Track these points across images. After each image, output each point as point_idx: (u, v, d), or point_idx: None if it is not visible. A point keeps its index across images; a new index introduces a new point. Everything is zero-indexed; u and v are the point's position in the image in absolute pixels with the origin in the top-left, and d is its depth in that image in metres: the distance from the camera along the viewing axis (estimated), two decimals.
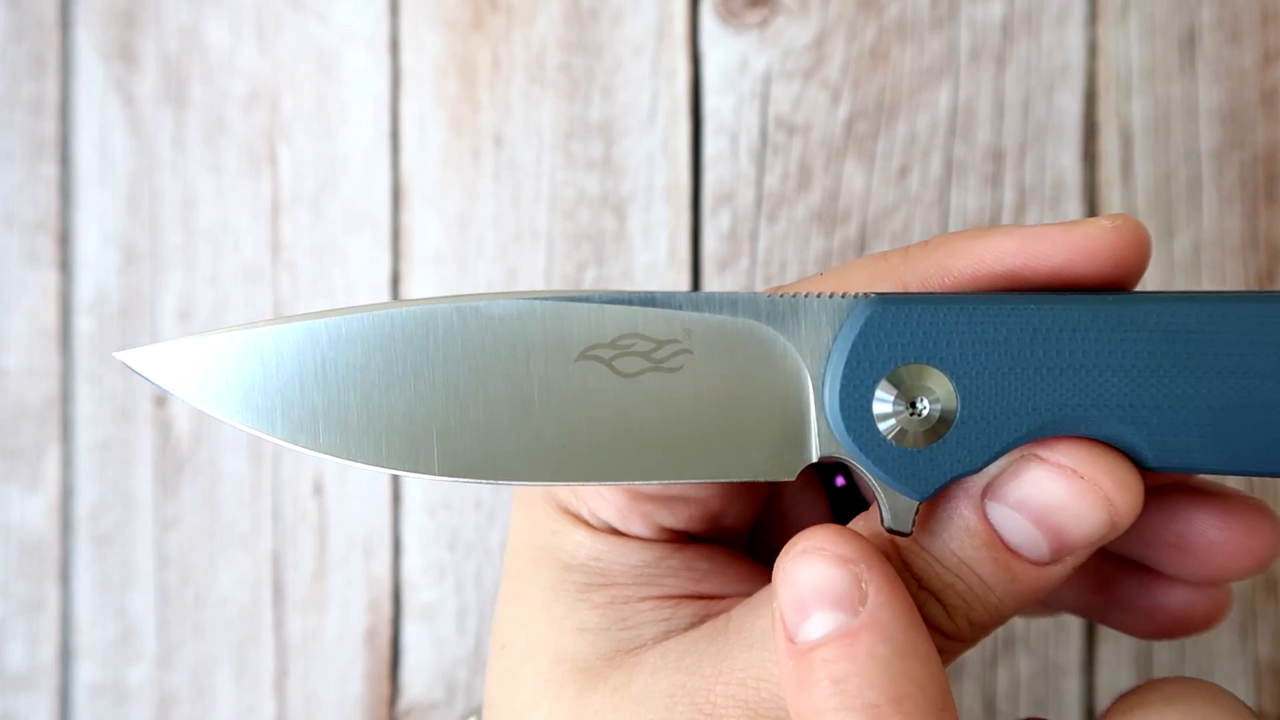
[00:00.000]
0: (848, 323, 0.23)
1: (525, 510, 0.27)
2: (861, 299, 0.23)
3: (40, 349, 0.42)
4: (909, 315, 0.22)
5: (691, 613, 0.25)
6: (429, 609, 0.41)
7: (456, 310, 0.22)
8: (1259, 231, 0.39)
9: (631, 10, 0.40)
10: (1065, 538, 0.22)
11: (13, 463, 0.42)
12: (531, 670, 0.25)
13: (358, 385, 0.22)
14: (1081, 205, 0.39)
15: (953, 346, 0.22)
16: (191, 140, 0.42)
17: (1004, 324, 0.22)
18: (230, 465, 0.41)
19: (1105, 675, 0.39)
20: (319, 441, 0.22)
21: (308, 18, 0.42)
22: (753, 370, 0.23)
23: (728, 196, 0.40)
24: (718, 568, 0.26)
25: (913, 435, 0.22)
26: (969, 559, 0.22)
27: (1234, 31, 0.39)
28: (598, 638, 0.25)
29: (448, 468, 0.22)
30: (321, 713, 0.41)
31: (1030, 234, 0.23)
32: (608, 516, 0.26)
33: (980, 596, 0.22)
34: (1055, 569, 0.23)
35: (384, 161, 0.41)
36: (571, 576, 0.26)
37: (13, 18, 0.42)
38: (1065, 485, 0.22)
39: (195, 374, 0.23)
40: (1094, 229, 0.23)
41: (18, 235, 0.42)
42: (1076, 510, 0.22)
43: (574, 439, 0.22)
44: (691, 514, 0.26)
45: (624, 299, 0.23)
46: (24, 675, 0.42)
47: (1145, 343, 0.22)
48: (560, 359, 0.22)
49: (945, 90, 0.40)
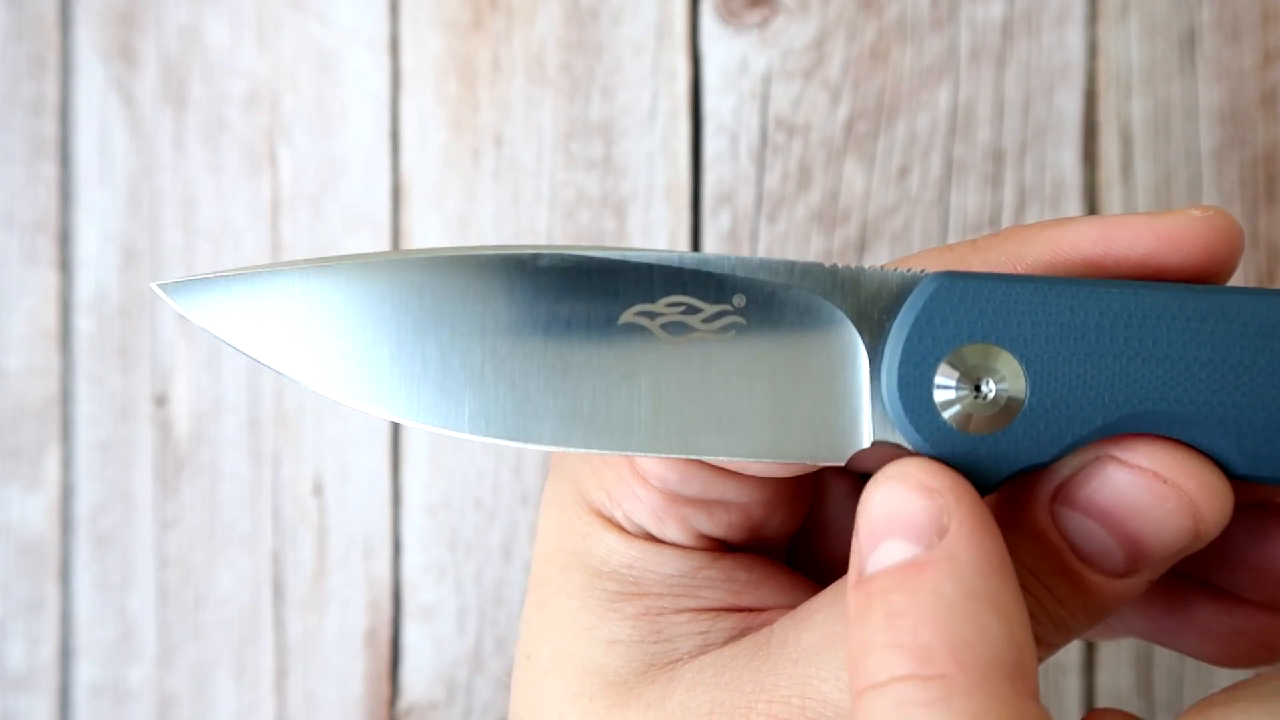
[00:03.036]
0: (911, 298, 0.21)
1: (556, 512, 0.25)
2: (927, 275, 0.21)
3: (40, 349, 0.42)
4: (977, 291, 0.21)
5: (730, 626, 0.24)
6: (429, 609, 0.41)
7: (500, 259, 0.21)
8: (1259, 231, 0.39)
9: (631, 10, 0.40)
10: (1144, 547, 0.20)
11: (13, 463, 0.42)
12: (559, 682, 0.24)
13: (391, 332, 0.21)
14: (1082, 205, 0.39)
15: (1023, 327, 0.20)
16: (191, 140, 0.42)
17: (1081, 306, 0.20)
18: (230, 465, 0.41)
19: (1105, 675, 0.39)
20: (348, 388, 0.21)
21: (308, 18, 0.42)
22: (806, 344, 0.21)
23: (728, 196, 0.40)
24: (758, 579, 0.24)
25: (976, 420, 0.20)
26: (1035, 568, 0.20)
27: (1234, 31, 0.39)
28: (629, 650, 0.23)
29: (479, 426, 0.21)
30: (321, 713, 0.41)
31: (1111, 222, 0.22)
32: (643, 520, 0.24)
33: (1047, 610, 0.21)
34: (1130, 582, 0.21)
35: (384, 161, 0.41)
36: (602, 584, 0.24)
37: (13, 18, 0.42)
38: (1146, 489, 0.20)
39: (226, 310, 0.21)
40: (1182, 218, 0.21)
41: (18, 235, 0.42)
42: (1157, 517, 0.20)
43: (612, 405, 0.21)
44: (732, 520, 0.24)
45: (675, 260, 0.21)
46: (24, 675, 0.42)
47: (1238, 338, 0.20)
48: (603, 319, 0.21)
49: (945, 90, 0.40)
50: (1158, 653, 0.39)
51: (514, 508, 0.41)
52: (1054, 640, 0.21)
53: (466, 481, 0.41)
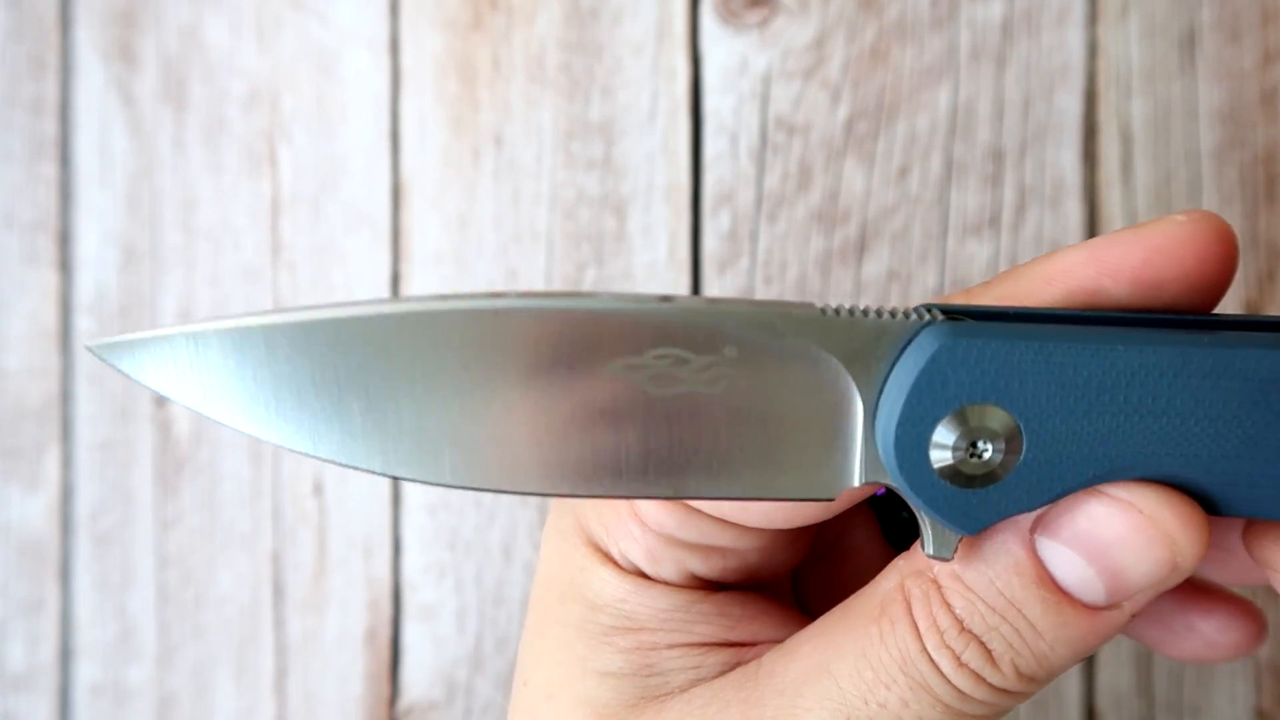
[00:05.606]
0: (911, 351, 0.20)
1: (556, 542, 0.26)
2: (927, 324, 0.20)
3: (40, 349, 0.42)
4: (980, 352, 0.20)
5: (722, 660, 0.24)
6: (429, 609, 0.41)
7: (470, 313, 0.20)
8: (1259, 231, 0.39)
9: (631, 10, 0.40)
10: (1123, 578, 0.20)
11: (13, 463, 0.42)
12: (553, 712, 0.24)
13: (361, 389, 0.20)
14: (1081, 205, 0.39)
15: (1025, 387, 0.20)
16: (191, 140, 0.42)
17: (1085, 365, 0.20)
18: (230, 465, 0.41)
19: (1105, 675, 0.39)
20: (317, 447, 0.20)
21: (308, 18, 0.42)
22: (798, 390, 0.21)
23: (728, 196, 0.40)
24: (751, 614, 0.25)
25: (968, 477, 0.20)
26: (1016, 599, 0.21)
27: (1234, 31, 0.39)
28: (621, 683, 0.24)
29: (461, 478, 0.20)
30: (321, 713, 0.41)
31: (1100, 243, 0.22)
32: (636, 559, 0.24)
33: (1028, 641, 0.21)
34: (1111, 616, 0.21)
35: (384, 161, 0.41)
36: (597, 617, 0.24)
37: (13, 18, 0.42)
38: (1124, 521, 0.20)
39: (176, 367, 0.21)
40: (1168, 225, 0.21)
41: (18, 235, 0.42)
42: (1135, 548, 0.20)
43: (600, 454, 0.20)
44: (727, 565, 0.25)
45: (660, 311, 0.20)
46: (24, 675, 0.42)
47: (1238, 392, 0.20)
48: (587, 371, 0.20)
49: (945, 90, 0.40)
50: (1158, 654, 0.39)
51: (514, 508, 0.41)
52: (1035, 674, 0.21)
53: None
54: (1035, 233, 0.39)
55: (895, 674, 0.21)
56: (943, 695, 0.20)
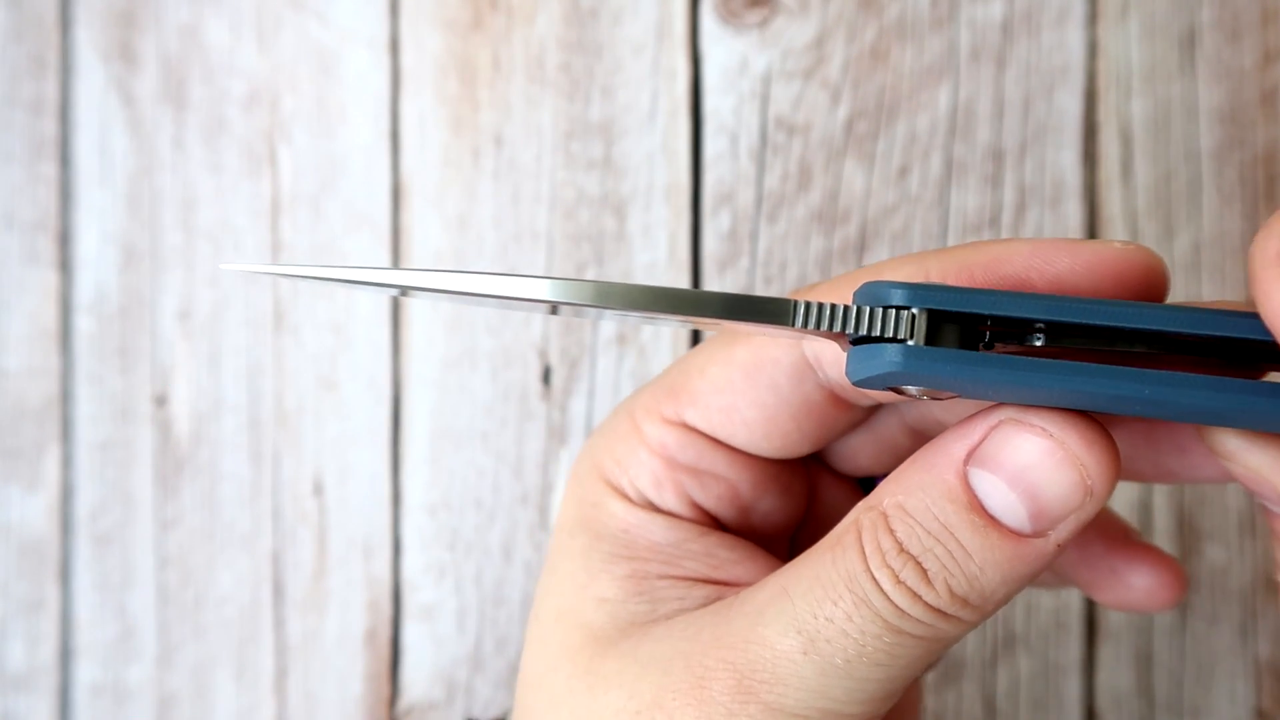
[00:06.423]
0: (863, 358, 0.22)
1: (574, 485, 0.28)
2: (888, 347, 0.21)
3: (40, 349, 0.42)
4: (934, 376, 0.21)
5: (706, 595, 0.26)
6: (429, 609, 0.41)
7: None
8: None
9: (631, 10, 0.40)
10: (1041, 501, 0.22)
11: (13, 463, 0.42)
12: (558, 636, 0.26)
13: None
14: (1081, 205, 0.39)
15: (975, 393, 0.22)
16: (191, 140, 0.42)
17: (1032, 393, 0.21)
18: (230, 465, 0.41)
19: (1105, 675, 0.39)
20: None
21: (308, 18, 0.42)
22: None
23: (728, 196, 0.40)
24: (738, 558, 0.27)
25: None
26: (950, 523, 0.22)
27: (1234, 31, 0.39)
28: (615, 608, 0.26)
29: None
30: (321, 713, 0.41)
31: (1042, 243, 0.23)
32: (645, 485, 0.27)
33: (960, 562, 0.22)
34: (1038, 544, 0.23)
35: (384, 161, 0.41)
36: (600, 546, 0.27)
37: (13, 18, 0.42)
38: (1037, 446, 0.22)
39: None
40: (1103, 246, 0.23)
41: (18, 235, 0.42)
42: (1047, 471, 0.22)
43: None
44: (721, 494, 0.27)
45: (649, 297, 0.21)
46: (24, 675, 0.42)
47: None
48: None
49: (945, 90, 0.40)
50: (1158, 652, 0.39)
51: (514, 508, 0.41)
52: (968, 595, 0.23)
53: (466, 482, 0.41)
54: (1035, 232, 0.39)
55: (841, 590, 0.23)
56: (882, 610, 0.22)
